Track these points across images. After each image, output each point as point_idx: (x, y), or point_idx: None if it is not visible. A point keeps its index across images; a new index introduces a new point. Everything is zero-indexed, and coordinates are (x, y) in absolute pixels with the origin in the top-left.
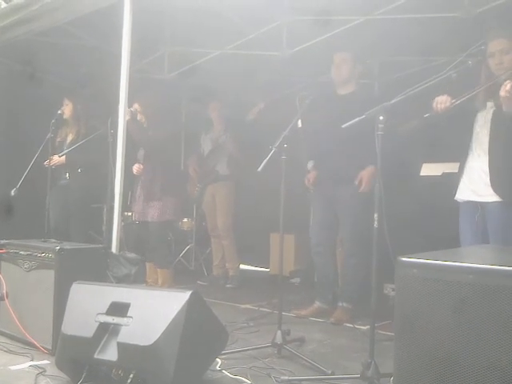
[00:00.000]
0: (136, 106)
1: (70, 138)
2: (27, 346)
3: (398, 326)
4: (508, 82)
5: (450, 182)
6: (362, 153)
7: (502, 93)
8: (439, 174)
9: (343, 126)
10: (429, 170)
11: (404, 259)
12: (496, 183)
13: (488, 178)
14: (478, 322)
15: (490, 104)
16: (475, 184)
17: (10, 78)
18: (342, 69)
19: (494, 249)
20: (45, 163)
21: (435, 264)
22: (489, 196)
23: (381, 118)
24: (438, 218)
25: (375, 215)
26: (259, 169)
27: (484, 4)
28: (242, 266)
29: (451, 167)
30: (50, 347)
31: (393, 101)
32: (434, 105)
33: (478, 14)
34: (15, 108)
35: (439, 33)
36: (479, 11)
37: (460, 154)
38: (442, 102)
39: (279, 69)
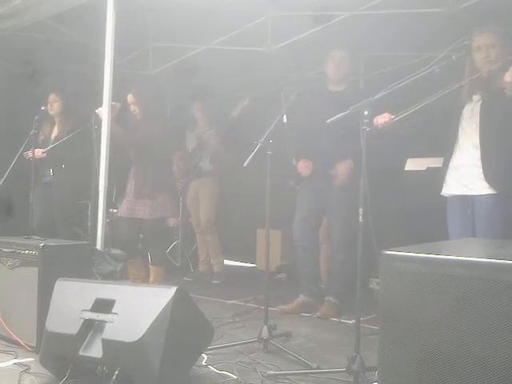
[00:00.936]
0: (130, 96)
1: (54, 134)
2: (11, 343)
3: (382, 320)
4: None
5: (435, 176)
6: (350, 148)
7: (508, 78)
8: (424, 169)
9: (328, 121)
10: (413, 164)
11: (388, 252)
12: (490, 176)
13: (480, 171)
14: (463, 314)
15: (476, 97)
16: (466, 178)
17: None
18: (342, 67)
19: (481, 242)
20: (27, 153)
21: (419, 257)
22: (481, 189)
23: (366, 112)
24: (423, 213)
25: (360, 210)
26: (245, 164)
27: (467, 0)
28: (229, 262)
29: (436, 162)
30: (34, 345)
31: (377, 96)
32: (375, 121)
33: (462, 10)
34: None
35: (424, 28)
36: (462, 7)
37: (445, 148)
38: (381, 117)
39: (264, 64)
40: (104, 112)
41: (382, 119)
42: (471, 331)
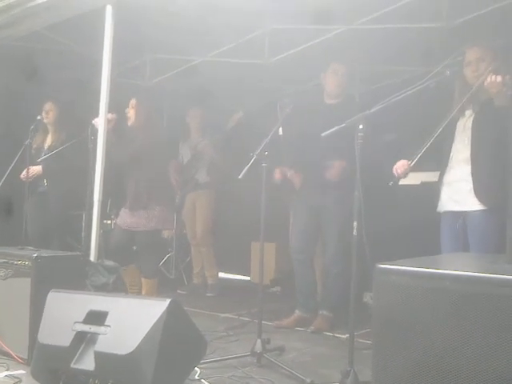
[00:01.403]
0: (133, 101)
1: (48, 144)
2: (2, 355)
3: (376, 333)
4: (493, 76)
5: (429, 191)
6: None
7: (494, 89)
8: (418, 183)
9: (323, 135)
10: (408, 178)
11: (382, 266)
12: (479, 191)
13: (470, 187)
14: (455, 328)
15: (468, 112)
16: (457, 193)
17: None
18: (343, 81)
19: (473, 256)
20: (21, 176)
21: (412, 271)
22: (472, 205)
23: (360, 126)
24: (417, 227)
25: (354, 223)
26: (240, 176)
27: (463, 15)
28: (223, 275)
29: (430, 176)
30: (25, 357)
31: (373, 109)
32: (394, 171)
33: (457, 25)
34: None
35: (419, 43)
36: (457, 22)
37: (439, 163)
38: (400, 166)
39: (261, 76)
40: (100, 123)
41: (402, 168)
42: (464, 345)
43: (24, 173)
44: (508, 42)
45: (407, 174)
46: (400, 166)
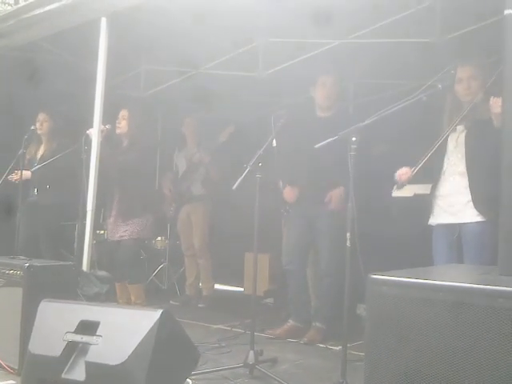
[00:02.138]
0: (124, 111)
1: (40, 153)
2: None
3: (368, 343)
4: (495, 98)
5: (422, 203)
6: (339, 173)
7: (496, 109)
8: (411, 195)
9: (316, 147)
10: (401, 190)
11: (375, 276)
12: (479, 203)
13: (469, 199)
14: (448, 340)
15: (460, 127)
16: (454, 206)
17: None
18: (331, 93)
19: (466, 268)
20: (12, 176)
21: (405, 281)
22: (471, 217)
23: (353, 138)
24: (410, 239)
25: (347, 234)
26: (234, 187)
27: (455, 30)
28: (216, 286)
29: (423, 189)
30: (16, 367)
31: (365, 122)
32: (398, 178)
33: (449, 40)
34: None
35: (411, 57)
36: (450, 37)
37: (432, 177)
38: (404, 173)
39: (255, 89)
40: (94, 133)
41: (405, 175)
42: (456, 355)
43: (15, 176)
44: (501, 59)
45: (406, 184)
46: (404, 172)
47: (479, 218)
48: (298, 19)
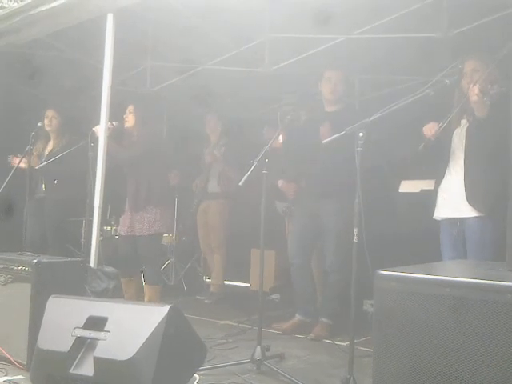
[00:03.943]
0: (131, 107)
1: (48, 150)
2: (1, 360)
3: (376, 340)
4: (475, 86)
5: (429, 198)
6: (346, 168)
7: (473, 97)
8: (418, 191)
9: (323, 142)
10: (407, 186)
11: (383, 272)
12: (472, 198)
13: (463, 193)
14: (456, 335)
15: (463, 122)
16: (455, 201)
17: None
18: (337, 87)
19: (472, 263)
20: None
21: (413, 277)
22: (468, 211)
23: (360, 134)
24: (417, 235)
25: (355, 230)
26: (240, 183)
27: (461, 26)
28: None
29: (429, 184)
30: (24, 362)
31: (372, 117)
32: (425, 132)
33: (456, 35)
34: None
35: (418, 52)
36: (456, 32)
37: (437, 171)
38: (430, 128)
39: (262, 85)
40: (101, 129)
41: (433, 130)
42: (464, 351)
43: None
44: (507, 52)
45: (436, 136)
46: (431, 127)
47: (475, 213)
48: (304, 15)
